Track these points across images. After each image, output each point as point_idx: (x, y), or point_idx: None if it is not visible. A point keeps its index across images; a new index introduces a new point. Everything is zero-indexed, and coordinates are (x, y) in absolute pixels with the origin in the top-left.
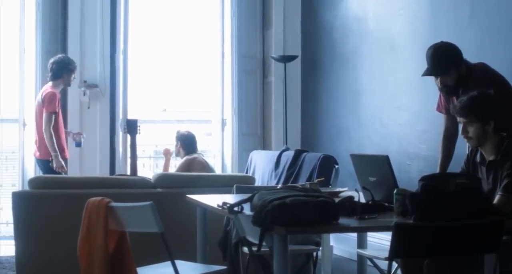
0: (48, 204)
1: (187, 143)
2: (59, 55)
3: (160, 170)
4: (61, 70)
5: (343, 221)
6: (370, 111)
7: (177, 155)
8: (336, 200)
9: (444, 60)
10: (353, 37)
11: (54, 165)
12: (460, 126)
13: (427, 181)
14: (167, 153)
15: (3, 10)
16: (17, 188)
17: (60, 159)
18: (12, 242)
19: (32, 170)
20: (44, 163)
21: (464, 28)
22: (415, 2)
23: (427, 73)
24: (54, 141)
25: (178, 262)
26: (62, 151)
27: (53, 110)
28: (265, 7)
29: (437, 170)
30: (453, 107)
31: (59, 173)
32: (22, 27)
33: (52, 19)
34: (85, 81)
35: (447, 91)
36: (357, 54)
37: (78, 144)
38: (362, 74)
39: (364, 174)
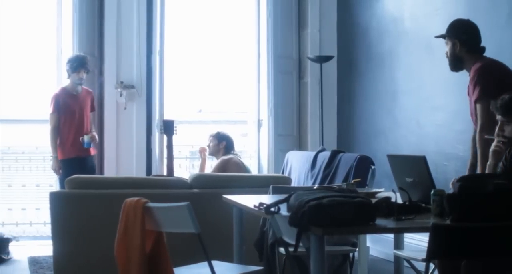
0: (85, 204)
1: (231, 142)
2: (71, 55)
3: (196, 171)
4: (68, 70)
5: (380, 221)
6: (406, 112)
7: (213, 154)
8: (373, 200)
9: (450, 26)
10: (389, 38)
11: (51, 165)
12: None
13: (465, 181)
14: (203, 151)
15: (40, 12)
16: (55, 188)
17: (56, 162)
18: (50, 242)
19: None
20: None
21: (502, 28)
22: (452, 2)
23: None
24: (54, 141)
25: (215, 263)
26: (66, 150)
27: (51, 111)
28: (301, 7)
29: (467, 170)
30: (493, 102)
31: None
32: (59, 29)
33: (89, 20)
34: (121, 82)
35: (448, 61)
36: (394, 54)
37: (85, 144)
38: (399, 75)
39: (401, 174)
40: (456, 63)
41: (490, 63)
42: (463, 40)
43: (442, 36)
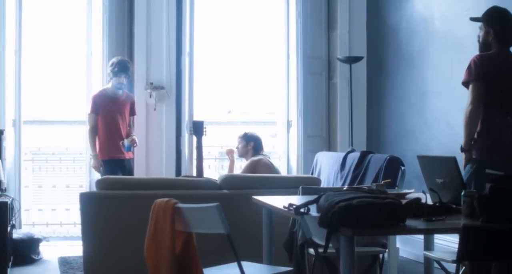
0: (115, 205)
1: (259, 142)
2: (114, 58)
3: (225, 171)
4: (109, 73)
5: (410, 222)
6: (436, 113)
7: (242, 155)
8: (403, 201)
9: (488, 13)
10: (419, 38)
11: (92, 164)
12: None
13: (496, 182)
14: (230, 153)
15: (70, 14)
16: (85, 189)
17: (97, 160)
18: (80, 242)
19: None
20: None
21: None
22: (482, 2)
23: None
24: (92, 140)
25: (244, 263)
26: (103, 151)
27: (89, 112)
28: (330, 8)
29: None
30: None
31: (115, 174)
32: (89, 31)
33: (119, 22)
34: (151, 83)
35: (479, 45)
36: (423, 55)
37: (125, 148)
38: (428, 75)
39: (431, 175)
40: (485, 51)
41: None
42: (497, 30)
43: (478, 20)
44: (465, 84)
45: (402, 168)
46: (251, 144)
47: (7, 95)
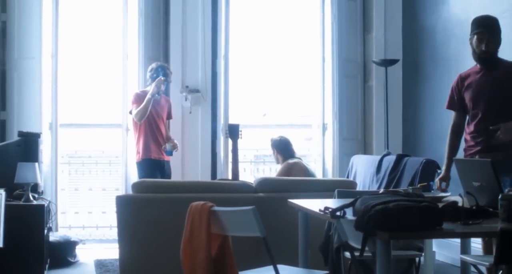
0: (151, 208)
1: (281, 148)
2: (154, 63)
3: (261, 175)
4: (149, 78)
5: (446, 226)
6: None
7: (277, 162)
8: (440, 205)
9: (497, 24)
10: (455, 41)
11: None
12: None
13: None
14: None
15: (106, 18)
16: (121, 192)
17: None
18: (116, 245)
19: (135, 174)
20: (137, 165)
21: None
22: None
23: (481, 29)
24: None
25: (280, 267)
26: (145, 151)
27: (135, 107)
28: (366, 11)
29: (444, 160)
30: None
31: (153, 176)
32: (125, 34)
33: (154, 25)
34: (187, 87)
35: (486, 58)
36: (460, 57)
37: (167, 153)
38: None
39: (467, 178)
40: (495, 61)
41: None
42: (500, 40)
43: (490, 31)
44: None
45: (438, 171)
46: (276, 151)
47: (44, 99)
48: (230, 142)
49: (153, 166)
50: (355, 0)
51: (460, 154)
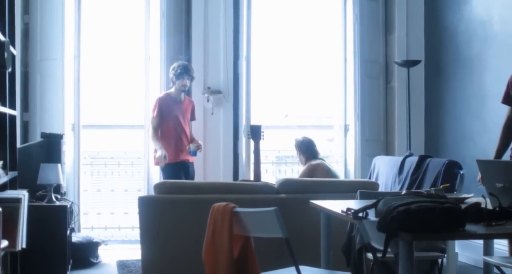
0: (173, 209)
1: (304, 149)
2: (175, 62)
3: (283, 176)
4: (172, 77)
5: (469, 227)
6: (495, 116)
7: (301, 163)
8: (462, 206)
9: None
10: (478, 41)
11: (158, 154)
12: None
13: None
14: None
15: (128, 20)
16: (143, 193)
17: (162, 152)
18: (138, 246)
19: (157, 175)
20: (161, 168)
21: None
22: None
23: None
24: (155, 138)
25: (302, 268)
26: (169, 155)
27: (154, 115)
28: (388, 11)
29: (493, 155)
30: None
31: (178, 178)
32: (147, 36)
33: (176, 27)
34: (208, 88)
35: None
36: (482, 58)
37: (191, 153)
38: (487, 79)
39: (490, 179)
40: None
41: None
42: None
43: None
44: None
45: (461, 172)
46: (299, 152)
47: (67, 100)
48: (252, 143)
49: (177, 168)
50: (377, 0)
51: (506, 156)
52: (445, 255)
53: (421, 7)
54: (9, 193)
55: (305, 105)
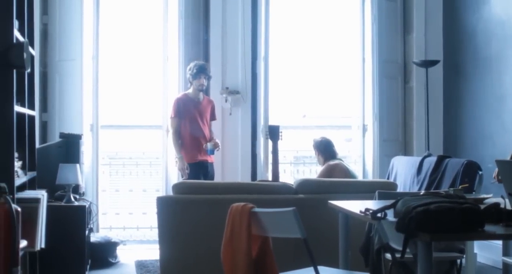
0: (192, 209)
1: (322, 148)
2: (192, 63)
3: (301, 176)
4: (189, 77)
5: (488, 228)
6: None
7: (320, 164)
8: (481, 206)
9: None
10: (497, 41)
11: (178, 166)
12: None
13: None
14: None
15: (147, 19)
16: (161, 193)
17: (183, 162)
18: (156, 246)
19: (175, 175)
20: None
21: None
22: None
23: None
24: (176, 143)
25: (320, 268)
26: (187, 155)
27: (173, 116)
28: (406, 11)
29: (509, 156)
30: None
31: (197, 178)
32: (165, 36)
33: (194, 27)
34: (227, 88)
35: None
36: (501, 58)
37: (208, 151)
38: (507, 79)
39: (510, 180)
40: None
41: None
42: None
43: None
44: None
45: (480, 172)
46: (318, 152)
47: (85, 100)
48: (270, 143)
49: (196, 168)
50: (395, 0)
51: None
52: (464, 256)
53: (439, 7)
54: (28, 193)
55: (323, 105)
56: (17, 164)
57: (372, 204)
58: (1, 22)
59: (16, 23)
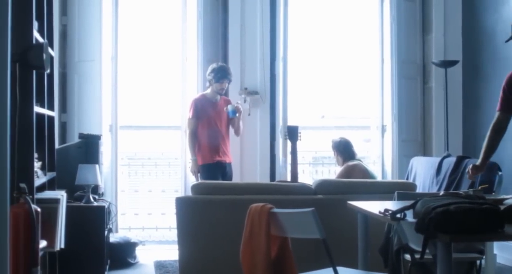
0: (211, 210)
1: (341, 149)
2: (214, 64)
3: (319, 176)
4: (211, 79)
5: (508, 228)
6: None
7: (338, 164)
8: (501, 207)
9: None
10: None
11: (190, 168)
12: None
13: None
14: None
15: (165, 20)
16: (180, 193)
17: (196, 165)
18: (175, 246)
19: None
20: (201, 168)
21: None
22: None
23: None
24: (192, 145)
25: (340, 269)
26: (204, 155)
27: (190, 116)
28: (425, 12)
29: (479, 158)
30: None
31: (215, 179)
32: (184, 37)
33: (213, 28)
34: (245, 89)
35: None
36: None
37: (230, 113)
38: None
39: None
40: None
41: None
42: None
43: None
44: None
45: (500, 173)
46: (336, 152)
47: (104, 101)
48: (289, 143)
49: (214, 169)
50: (414, 0)
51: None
52: (484, 257)
53: (458, 7)
54: (48, 194)
55: (342, 106)
56: (37, 165)
57: (391, 205)
58: (21, 23)
59: (35, 24)
